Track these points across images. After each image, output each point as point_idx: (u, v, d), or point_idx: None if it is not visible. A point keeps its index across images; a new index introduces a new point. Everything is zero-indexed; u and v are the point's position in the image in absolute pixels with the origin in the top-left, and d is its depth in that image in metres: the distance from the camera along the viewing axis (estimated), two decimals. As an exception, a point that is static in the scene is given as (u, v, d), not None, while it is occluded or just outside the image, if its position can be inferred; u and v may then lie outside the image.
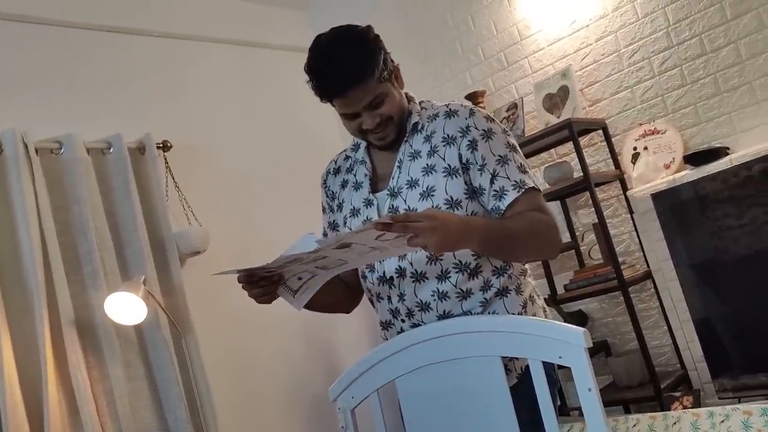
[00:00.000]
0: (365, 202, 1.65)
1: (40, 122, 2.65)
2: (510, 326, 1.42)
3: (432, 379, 1.52)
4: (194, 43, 3.39)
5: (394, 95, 1.58)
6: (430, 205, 1.52)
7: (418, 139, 1.60)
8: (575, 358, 1.30)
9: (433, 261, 1.54)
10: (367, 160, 1.69)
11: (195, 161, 3.17)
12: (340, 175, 1.76)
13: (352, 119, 1.56)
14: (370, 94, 1.52)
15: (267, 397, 3.08)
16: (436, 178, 1.54)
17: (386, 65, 1.57)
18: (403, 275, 1.57)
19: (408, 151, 1.60)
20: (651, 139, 2.85)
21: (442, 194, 1.53)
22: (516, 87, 3.29)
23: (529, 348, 1.38)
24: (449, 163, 1.54)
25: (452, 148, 1.55)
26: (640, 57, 2.90)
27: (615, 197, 3.02)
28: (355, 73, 1.49)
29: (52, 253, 2.51)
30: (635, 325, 2.72)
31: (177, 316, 2.81)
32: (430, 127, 1.60)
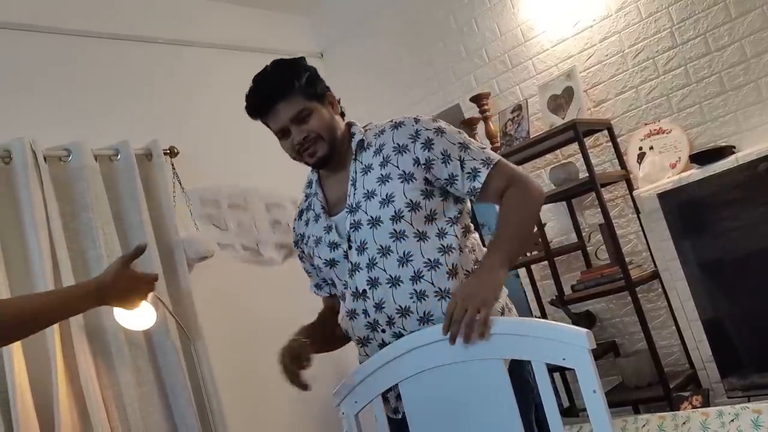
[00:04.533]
0: (326, 230, 1.72)
1: (48, 130, 2.67)
2: (513, 328, 1.41)
3: (435, 383, 1.51)
4: (200, 49, 3.41)
5: (323, 114, 1.68)
6: (392, 210, 1.60)
7: (368, 155, 1.68)
8: (579, 360, 1.30)
9: (403, 263, 1.59)
10: (319, 191, 1.77)
11: (202, 167, 3.19)
12: (303, 216, 1.84)
13: (285, 137, 1.68)
14: (294, 108, 1.64)
15: (276, 402, 3.09)
16: (393, 185, 1.61)
17: (314, 86, 1.68)
18: (375, 284, 1.61)
19: (359, 168, 1.68)
20: (656, 139, 2.85)
21: (402, 198, 1.60)
22: (520, 89, 3.30)
23: (532, 350, 1.38)
24: (404, 170, 1.62)
25: (405, 155, 1.63)
26: (645, 57, 2.90)
27: (621, 197, 3.02)
28: (280, 87, 1.64)
29: (61, 259, 2.53)
30: (643, 325, 2.72)
31: (185, 322, 2.82)
32: (378, 142, 1.68)
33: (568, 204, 3.17)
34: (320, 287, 1.90)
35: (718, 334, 2.61)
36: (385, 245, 1.60)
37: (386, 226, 1.60)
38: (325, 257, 1.71)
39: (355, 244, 1.64)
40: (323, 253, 1.72)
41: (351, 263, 1.65)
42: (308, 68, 1.71)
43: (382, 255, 1.60)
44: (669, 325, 2.93)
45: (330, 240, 1.69)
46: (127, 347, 2.64)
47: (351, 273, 1.66)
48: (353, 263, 1.65)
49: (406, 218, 1.59)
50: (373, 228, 1.61)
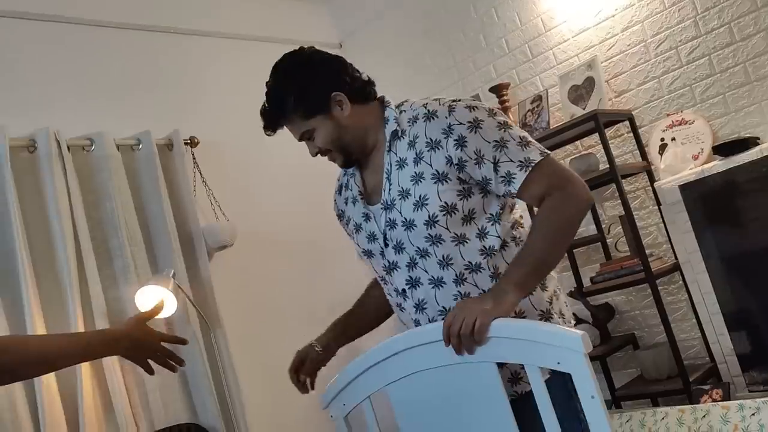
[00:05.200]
0: (364, 217, 1.64)
1: (71, 120, 2.70)
2: (505, 331, 1.33)
3: (425, 386, 1.45)
4: (221, 40, 3.43)
5: (326, 128, 1.58)
6: (426, 215, 1.50)
7: (402, 146, 1.56)
8: (574, 364, 1.23)
9: (445, 266, 1.52)
10: (357, 173, 1.68)
11: (222, 157, 3.21)
12: (344, 192, 1.75)
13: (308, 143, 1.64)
14: (297, 130, 1.61)
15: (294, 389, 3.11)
16: (426, 186, 1.50)
17: (309, 102, 1.57)
18: (416, 284, 1.56)
19: (393, 160, 1.57)
20: (679, 130, 2.82)
21: (436, 201, 1.49)
22: (541, 79, 3.27)
23: (525, 354, 1.31)
24: (437, 169, 1.50)
25: (438, 152, 1.50)
26: (668, 47, 2.86)
27: (642, 189, 3.00)
28: (279, 112, 1.59)
29: (84, 248, 2.57)
30: (663, 317, 2.70)
31: (205, 310, 2.85)
32: (411, 132, 1.55)
33: (588, 195, 3.14)
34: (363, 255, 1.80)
35: (739, 328, 2.58)
36: (423, 248, 1.52)
37: (420, 230, 1.51)
38: (363, 246, 1.65)
39: (392, 243, 1.57)
40: (362, 242, 1.65)
41: (388, 261, 1.59)
42: (299, 83, 1.58)
43: (422, 256, 1.53)
44: (689, 318, 2.91)
45: (370, 230, 1.61)
46: (149, 335, 2.67)
47: (388, 270, 1.60)
48: (390, 261, 1.58)
49: (440, 222, 1.49)
50: (408, 230, 1.52)
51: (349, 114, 1.58)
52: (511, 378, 1.52)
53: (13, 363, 1.29)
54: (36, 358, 1.33)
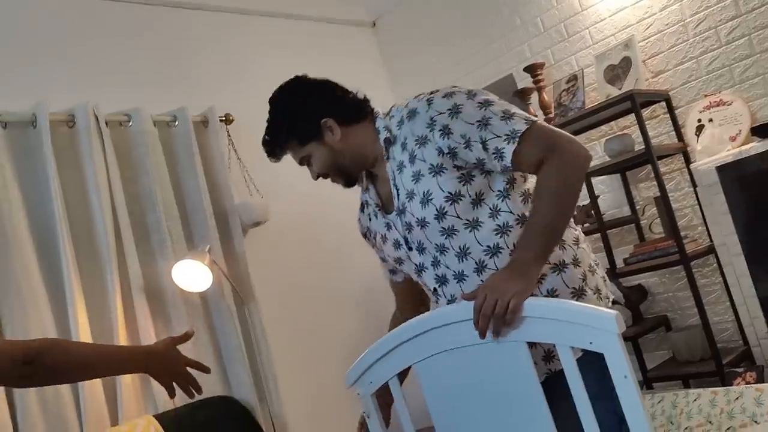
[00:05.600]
0: (386, 227, 1.68)
1: (109, 96, 2.74)
2: (536, 310, 1.31)
3: (454, 365, 1.43)
4: (257, 18, 3.44)
5: (322, 153, 1.64)
6: (434, 209, 1.52)
7: (397, 150, 1.59)
8: (608, 344, 1.21)
9: (463, 257, 1.54)
10: (371, 187, 1.72)
11: (256, 134, 3.18)
12: (366, 209, 1.78)
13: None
14: (296, 155, 1.69)
15: (325, 362, 3.15)
16: (426, 181, 1.53)
17: (301, 129, 1.64)
18: (444, 282, 1.59)
19: (395, 166, 1.60)
20: (716, 111, 2.78)
21: (440, 194, 1.51)
22: (576, 59, 3.24)
23: (557, 333, 1.28)
24: (431, 163, 1.52)
25: (428, 146, 1.52)
26: (707, 26, 2.82)
27: (677, 170, 2.97)
28: (274, 145, 1.68)
29: (122, 223, 2.62)
30: (697, 300, 2.68)
31: (239, 285, 2.89)
32: (401, 134, 1.58)
33: (622, 176, 3.12)
34: (395, 272, 1.83)
35: (774, 311, 2.56)
36: (440, 243, 1.55)
37: (434, 225, 1.54)
38: (393, 255, 1.69)
39: (414, 245, 1.61)
40: (390, 252, 1.69)
41: (415, 264, 1.63)
42: (289, 115, 1.65)
43: (441, 252, 1.56)
44: (723, 300, 2.88)
45: (393, 238, 1.66)
46: (184, 308, 2.72)
47: (418, 272, 1.64)
48: (417, 264, 1.62)
49: (450, 213, 1.51)
50: (423, 229, 1.56)
51: (341, 137, 1.63)
52: (544, 356, 1.52)
53: (54, 364, 1.33)
54: (75, 364, 1.38)
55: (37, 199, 2.50)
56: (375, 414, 1.59)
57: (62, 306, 2.45)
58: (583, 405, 1.27)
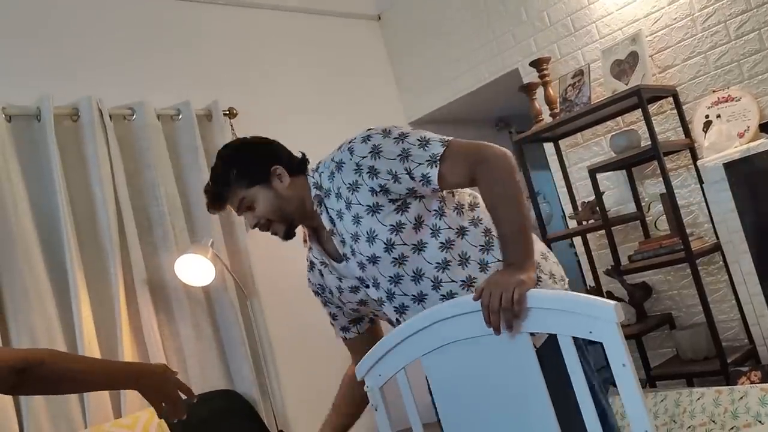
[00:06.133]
0: (338, 278, 1.72)
1: (113, 90, 2.74)
2: (538, 301, 1.36)
3: (459, 356, 1.47)
4: (261, 11, 3.43)
5: (267, 197, 1.67)
6: (381, 244, 1.58)
7: (332, 201, 1.65)
8: (607, 334, 1.25)
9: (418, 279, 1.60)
10: (314, 245, 1.76)
11: (259, 128, 3.20)
12: (314, 268, 1.80)
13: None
14: (237, 198, 1.68)
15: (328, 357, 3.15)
16: (368, 221, 1.59)
17: (251, 171, 1.68)
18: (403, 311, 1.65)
19: (333, 215, 1.65)
20: (724, 107, 2.75)
21: (383, 229, 1.58)
22: (582, 53, 3.21)
23: (558, 323, 1.34)
24: (367, 204, 1.59)
25: (361, 190, 1.59)
26: (716, 21, 2.78)
27: (684, 167, 2.94)
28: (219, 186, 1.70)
29: (125, 216, 2.62)
30: (702, 298, 2.66)
31: (242, 280, 2.89)
32: (334, 186, 1.64)
33: (627, 172, 3.10)
34: (347, 330, 1.87)
35: (781, 310, 2.53)
36: (394, 274, 1.61)
37: (384, 258, 1.60)
38: (354, 301, 1.73)
39: (370, 282, 1.66)
40: (350, 298, 1.73)
41: (375, 299, 1.68)
42: (240, 158, 1.71)
43: (395, 283, 1.62)
44: (729, 299, 2.86)
45: (348, 286, 1.71)
46: (187, 302, 2.73)
47: (379, 306, 1.69)
48: (377, 299, 1.67)
49: (397, 242, 1.58)
50: (375, 264, 1.61)
51: (288, 185, 1.69)
52: None
53: (46, 376, 1.35)
54: (67, 377, 1.39)
55: (41, 191, 2.51)
56: (382, 407, 1.62)
57: (66, 298, 2.46)
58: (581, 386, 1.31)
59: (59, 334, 2.40)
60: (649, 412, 1.25)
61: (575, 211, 3.19)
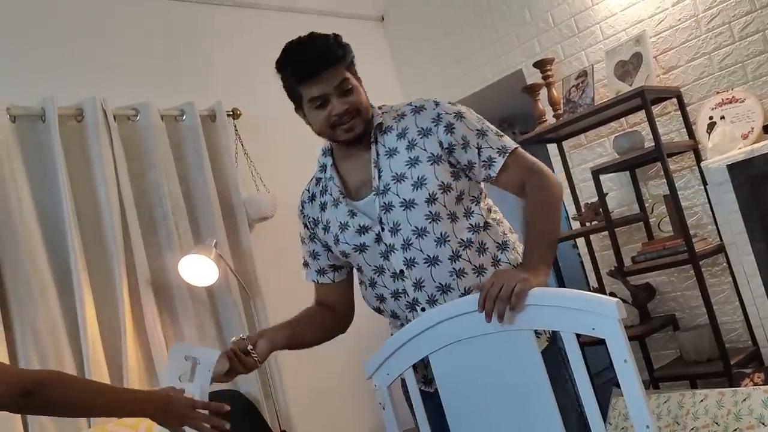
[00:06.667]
0: (350, 214, 1.68)
1: (117, 90, 2.75)
2: (541, 299, 1.38)
3: (465, 354, 1.50)
4: (266, 11, 3.43)
5: (361, 92, 1.66)
6: (427, 193, 1.60)
7: (390, 138, 1.66)
8: (609, 330, 1.28)
9: (441, 243, 1.60)
10: (334, 175, 1.73)
11: (263, 129, 3.24)
12: (316, 200, 1.79)
13: (323, 107, 1.62)
14: (339, 76, 1.61)
15: (331, 358, 3.16)
16: (423, 167, 1.61)
17: (354, 63, 1.68)
18: (412, 264, 1.61)
19: (382, 151, 1.66)
20: (728, 108, 2.75)
21: (434, 181, 1.60)
22: (586, 54, 3.21)
23: (561, 320, 1.37)
24: (432, 152, 1.62)
25: (430, 138, 1.63)
26: (720, 22, 2.78)
27: (688, 168, 2.94)
28: (330, 54, 1.61)
29: (129, 216, 2.63)
30: (705, 299, 2.65)
31: (246, 280, 2.90)
32: (400, 125, 1.67)
33: (631, 173, 3.09)
34: (323, 273, 1.84)
35: (784, 312, 2.53)
36: (421, 226, 1.60)
37: (421, 208, 1.60)
38: (353, 242, 1.68)
39: (388, 226, 1.63)
40: (351, 239, 1.68)
41: (385, 245, 1.64)
42: (340, 40, 1.68)
43: (418, 236, 1.61)
44: (732, 300, 2.86)
45: (359, 224, 1.66)
46: (191, 302, 2.73)
47: (385, 255, 1.64)
48: (387, 245, 1.63)
49: (439, 200, 1.60)
50: (407, 210, 1.60)
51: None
52: None
53: (52, 400, 1.34)
54: (74, 403, 1.39)
55: (46, 192, 2.52)
56: (390, 405, 1.65)
57: (70, 299, 2.46)
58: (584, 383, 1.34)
59: (63, 335, 2.41)
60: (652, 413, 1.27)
61: (578, 212, 3.19)
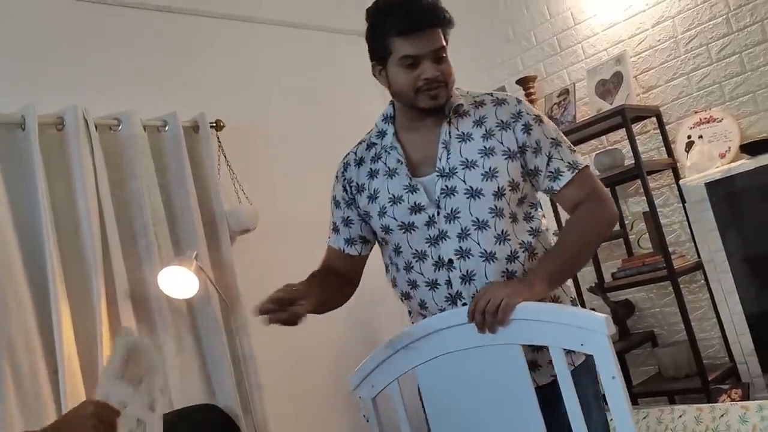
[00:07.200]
0: (408, 188, 1.60)
1: (99, 99, 2.72)
2: (530, 313, 1.37)
3: (452, 368, 1.49)
4: (249, 24, 3.43)
5: (450, 63, 1.60)
6: (496, 185, 1.54)
7: (465, 123, 1.60)
8: (598, 346, 1.28)
9: (502, 241, 1.55)
10: (398, 145, 1.64)
11: (246, 141, 3.22)
12: (365, 165, 1.70)
13: (413, 68, 1.54)
14: (440, 41, 1.56)
15: (311, 372, 3.14)
16: (496, 160, 1.56)
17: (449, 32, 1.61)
18: (466, 255, 1.54)
19: (454, 133, 1.59)
20: (706, 128, 2.80)
21: (505, 176, 1.55)
22: (568, 72, 3.25)
23: (550, 335, 1.35)
24: (508, 147, 1.57)
25: (508, 132, 1.58)
26: (698, 43, 2.84)
27: (667, 186, 2.98)
28: (436, 13, 1.56)
29: (109, 227, 2.59)
30: (684, 316, 2.69)
31: (226, 292, 2.87)
32: (478, 113, 1.61)
33: (611, 191, 3.13)
34: (352, 243, 1.74)
35: (761, 329, 2.57)
36: (483, 219, 1.53)
37: (487, 199, 1.54)
38: (402, 220, 1.59)
39: (444, 211, 1.55)
40: (400, 215, 1.59)
41: (438, 230, 1.56)
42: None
43: (478, 228, 1.53)
44: (710, 317, 2.89)
45: (415, 201, 1.58)
46: (170, 315, 2.69)
47: (434, 241, 1.56)
48: (440, 230, 1.56)
49: (506, 196, 1.55)
50: (471, 198, 1.54)
51: None
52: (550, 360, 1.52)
53: None
54: None
55: (24, 201, 2.47)
56: (374, 418, 1.64)
57: (46, 309, 2.41)
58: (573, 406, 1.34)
59: (38, 347, 2.35)
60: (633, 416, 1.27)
61: (559, 228, 3.21)
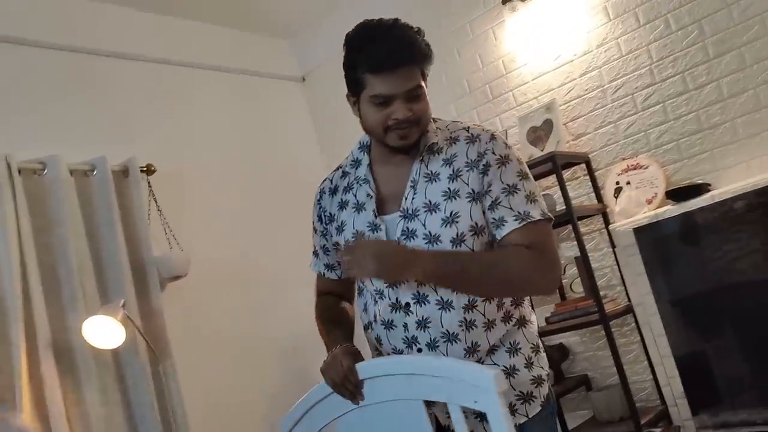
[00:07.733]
0: (371, 226, 1.55)
1: (24, 143, 2.64)
2: (428, 369, 1.35)
3: (367, 421, 1.47)
4: (180, 68, 3.39)
5: (427, 99, 1.53)
6: (455, 232, 1.47)
7: (435, 161, 1.53)
8: (489, 404, 1.24)
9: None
10: (371, 179, 1.60)
11: (178, 186, 3.16)
12: (338, 194, 1.66)
13: (384, 107, 1.48)
14: (415, 80, 1.48)
15: (243, 423, 3.04)
16: (459, 204, 1.48)
17: (428, 68, 1.54)
18: (422, 301, 1.49)
19: (423, 171, 1.53)
20: (634, 174, 2.88)
21: (467, 220, 1.48)
22: (500, 119, 3.32)
23: (447, 391, 1.32)
24: (473, 188, 1.49)
25: (474, 173, 1.50)
26: (624, 93, 2.94)
27: (597, 231, 3.04)
28: (413, 50, 1.47)
29: (31, 275, 2.48)
30: (616, 359, 2.71)
31: (155, 341, 2.77)
32: (450, 151, 1.54)
33: (545, 235, 3.17)
34: (332, 269, 1.73)
35: (690, 371, 2.61)
36: None
37: (444, 246, 1.47)
38: None
39: None
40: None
41: None
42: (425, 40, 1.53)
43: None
44: (641, 360, 2.93)
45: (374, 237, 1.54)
46: (95, 365, 2.58)
47: (392, 283, 1.51)
48: None
49: (467, 242, 1.47)
50: (429, 244, 1.47)
51: None
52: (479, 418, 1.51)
53: None
54: None
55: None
56: None
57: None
58: None
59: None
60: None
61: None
